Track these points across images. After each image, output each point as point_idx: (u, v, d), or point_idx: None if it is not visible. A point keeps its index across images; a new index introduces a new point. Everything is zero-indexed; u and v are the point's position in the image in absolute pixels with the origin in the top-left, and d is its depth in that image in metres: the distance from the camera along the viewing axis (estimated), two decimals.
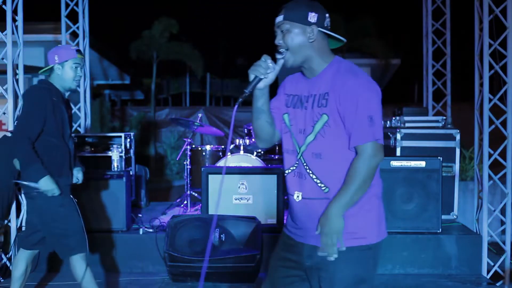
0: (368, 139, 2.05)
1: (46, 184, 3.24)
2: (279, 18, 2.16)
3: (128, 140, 6.08)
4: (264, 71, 2.11)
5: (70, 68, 3.42)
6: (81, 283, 3.41)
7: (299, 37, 2.14)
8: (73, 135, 3.66)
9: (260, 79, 2.12)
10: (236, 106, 2.11)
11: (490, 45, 4.80)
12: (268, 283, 2.32)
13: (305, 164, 2.17)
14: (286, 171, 2.26)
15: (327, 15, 2.18)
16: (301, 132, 2.18)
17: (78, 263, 3.40)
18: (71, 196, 3.52)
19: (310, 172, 2.15)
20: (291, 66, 2.17)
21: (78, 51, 3.47)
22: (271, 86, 2.22)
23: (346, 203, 2.06)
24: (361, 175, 2.05)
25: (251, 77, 2.12)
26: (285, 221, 2.41)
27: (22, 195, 5.03)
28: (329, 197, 2.11)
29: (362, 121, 2.04)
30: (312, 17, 2.13)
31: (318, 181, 2.14)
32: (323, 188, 2.13)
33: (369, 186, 2.10)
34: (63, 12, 6.86)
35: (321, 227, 2.08)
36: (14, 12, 4.88)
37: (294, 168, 2.22)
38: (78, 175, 3.72)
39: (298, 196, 2.20)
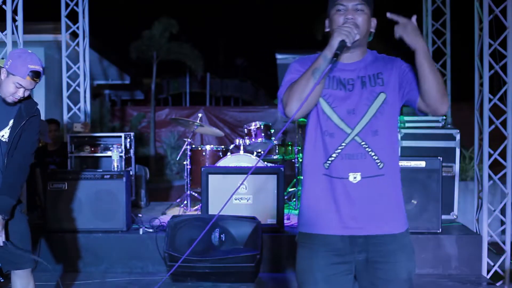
0: None
1: None
2: None
3: (128, 140, 6.08)
4: (351, 40, 2.07)
5: (13, 83, 2.95)
6: None
7: (368, 23, 2.18)
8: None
9: (345, 45, 2.05)
10: (322, 76, 2.06)
11: (490, 45, 4.80)
12: None
13: (363, 143, 2.12)
14: (333, 155, 2.13)
15: None
16: (351, 113, 2.13)
17: None
18: None
19: (370, 149, 2.12)
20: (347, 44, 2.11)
21: (34, 73, 2.95)
22: None
23: (426, 50, 2.05)
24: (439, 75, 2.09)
25: (337, 40, 2.05)
26: (312, 223, 2.18)
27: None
28: (384, 173, 2.11)
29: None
30: (372, 10, 2.21)
31: (376, 157, 2.12)
32: (378, 164, 2.12)
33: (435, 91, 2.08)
34: (63, 12, 6.87)
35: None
36: (14, 12, 4.88)
37: (340, 150, 2.12)
38: None
39: (355, 177, 2.11)
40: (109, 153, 5.74)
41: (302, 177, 2.31)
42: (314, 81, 2.06)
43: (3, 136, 3.06)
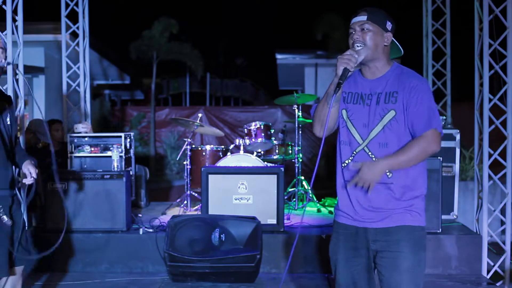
0: (430, 127, 2.32)
1: None
2: (362, 18, 2.39)
3: (128, 140, 6.08)
4: (353, 64, 2.33)
5: None
6: None
7: (377, 38, 2.39)
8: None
9: (349, 71, 2.32)
10: (333, 99, 2.36)
11: (490, 45, 4.80)
12: (345, 275, 2.48)
13: (370, 153, 2.39)
14: (346, 161, 2.46)
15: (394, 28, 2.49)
16: (365, 126, 2.41)
17: None
18: None
19: (376, 160, 2.36)
20: (360, 62, 2.39)
21: None
22: None
23: (392, 165, 2.32)
24: (414, 151, 2.30)
25: (341, 69, 2.32)
26: (339, 214, 2.53)
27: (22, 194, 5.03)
28: (393, 181, 2.37)
29: (425, 112, 2.32)
30: (389, 25, 2.43)
31: None
32: (387, 174, 2.36)
33: (414, 165, 2.36)
34: (63, 12, 6.87)
35: (364, 168, 2.28)
36: (14, 12, 4.88)
37: (352, 158, 2.43)
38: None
39: None
40: (109, 153, 5.74)
41: None
42: (327, 106, 2.39)
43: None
